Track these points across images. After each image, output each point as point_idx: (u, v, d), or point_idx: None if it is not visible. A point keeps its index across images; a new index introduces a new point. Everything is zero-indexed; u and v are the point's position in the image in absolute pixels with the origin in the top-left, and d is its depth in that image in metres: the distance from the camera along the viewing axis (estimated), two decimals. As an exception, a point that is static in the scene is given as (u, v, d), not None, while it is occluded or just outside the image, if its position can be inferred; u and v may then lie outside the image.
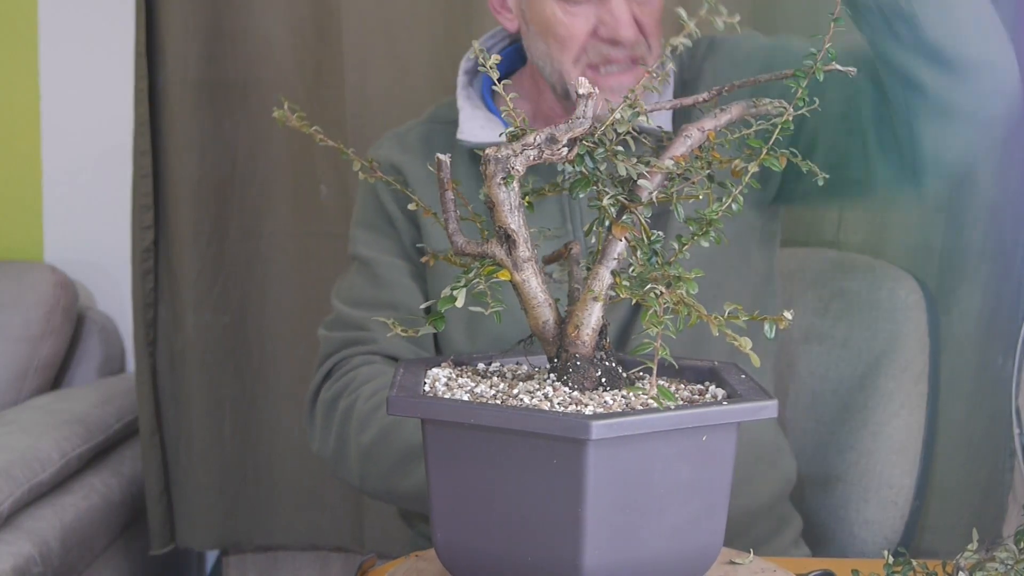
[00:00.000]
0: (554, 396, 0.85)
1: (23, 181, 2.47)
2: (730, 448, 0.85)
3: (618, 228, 0.85)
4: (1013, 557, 0.88)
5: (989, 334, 1.82)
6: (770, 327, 0.84)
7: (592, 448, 0.77)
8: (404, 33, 2.05)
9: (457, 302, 0.83)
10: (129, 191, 2.10)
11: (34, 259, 2.46)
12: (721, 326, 0.80)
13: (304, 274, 2.12)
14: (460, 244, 0.87)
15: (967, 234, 1.82)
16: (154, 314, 2.12)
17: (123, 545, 2.11)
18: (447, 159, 0.87)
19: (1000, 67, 1.25)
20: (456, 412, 0.82)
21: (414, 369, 0.93)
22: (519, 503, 0.81)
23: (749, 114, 0.92)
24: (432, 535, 0.86)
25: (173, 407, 2.13)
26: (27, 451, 1.88)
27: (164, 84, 2.06)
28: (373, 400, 1.34)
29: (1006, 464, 1.84)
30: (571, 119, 0.84)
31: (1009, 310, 1.82)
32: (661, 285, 0.80)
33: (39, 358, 2.23)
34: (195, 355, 2.12)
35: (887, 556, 0.95)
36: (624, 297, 0.83)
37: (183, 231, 2.10)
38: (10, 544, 1.75)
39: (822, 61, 0.87)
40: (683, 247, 0.87)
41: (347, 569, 2.19)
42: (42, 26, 2.43)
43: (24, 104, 2.45)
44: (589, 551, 0.79)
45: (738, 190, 0.88)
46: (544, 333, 0.89)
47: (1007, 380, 1.68)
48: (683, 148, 0.89)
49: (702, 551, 0.86)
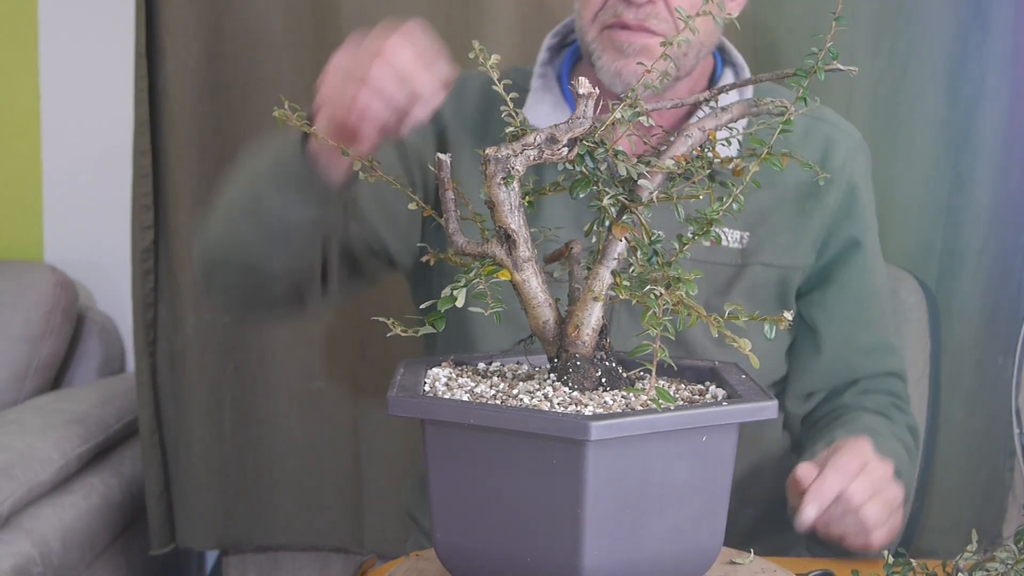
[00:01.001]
0: (554, 396, 0.85)
1: (23, 181, 2.47)
2: (730, 448, 0.85)
3: (618, 228, 0.85)
4: (1013, 557, 0.88)
5: (989, 334, 1.82)
6: (770, 327, 0.84)
7: (592, 449, 0.77)
8: (404, 33, 2.04)
9: (457, 302, 0.83)
10: (129, 191, 2.10)
11: (34, 259, 2.46)
12: (721, 327, 0.80)
13: (304, 274, 2.12)
14: (460, 244, 0.87)
15: (967, 234, 1.82)
16: (154, 314, 2.11)
17: (123, 545, 2.11)
18: (447, 159, 0.87)
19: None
20: (456, 412, 0.82)
21: (414, 369, 0.93)
22: (519, 503, 0.81)
23: (750, 113, 0.92)
24: (432, 535, 0.86)
25: (173, 407, 2.13)
26: (27, 451, 1.88)
27: (164, 84, 2.06)
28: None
29: (1006, 464, 1.84)
30: (571, 119, 0.84)
31: (1009, 310, 1.82)
32: (661, 286, 0.80)
33: (39, 358, 2.23)
34: (195, 355, 2.12)
35: (887, 556, 0.95)
36: (624, 298, 0.82)
37: (183, 231, 2.10)
38: (10, 544, 1.75)
39: (823, 61, 0.87)
40: (684, 247, 0.87)
41: (347, 569, 2.19)
42: (42, 26, 2.43)
43: (24, 104, 2.45)
44: (589, 551, 0.79)
45: (739, 190, 0.88)
46: (544, 333, 0.89)
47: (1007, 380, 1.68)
48: (684, 148, 0.89)
49: (702, 551, 0.86)
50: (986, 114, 1.80)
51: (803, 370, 1.42)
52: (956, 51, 1.80)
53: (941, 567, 0.92)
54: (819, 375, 1.41)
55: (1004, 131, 1.80)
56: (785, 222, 1.37)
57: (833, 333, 1.40)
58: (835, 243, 1.39)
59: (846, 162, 1.40)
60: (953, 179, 1.82)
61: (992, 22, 1.78)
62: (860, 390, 1.41)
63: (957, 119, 1.82)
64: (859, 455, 1.14)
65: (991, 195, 1.82)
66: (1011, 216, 1.82)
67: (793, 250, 1.37)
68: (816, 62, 0.87)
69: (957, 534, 1.80)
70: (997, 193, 1.82)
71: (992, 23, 1.78)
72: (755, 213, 1.35)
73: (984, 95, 1.80)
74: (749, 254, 1.36)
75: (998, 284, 1.83)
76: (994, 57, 1.79)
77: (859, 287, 1.41)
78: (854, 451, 1.14)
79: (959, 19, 1.80)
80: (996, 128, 1.80)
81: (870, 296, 1.42)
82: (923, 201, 1.81)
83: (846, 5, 0.89)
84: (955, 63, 1.80)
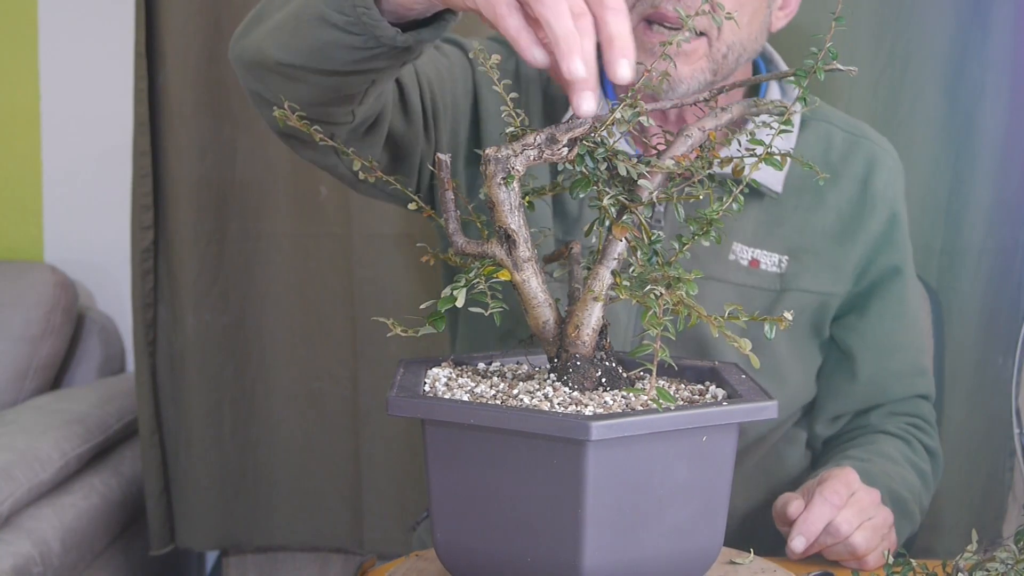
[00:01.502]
0: (554, 396, 0.85)
1: (23, 181, 2.47)
2: (730, 449, 0.85)
3: (618, 229, 0.85)
4: (1013, 557, 0.88)
5: (989, 334, 1.82)
6: (770, 327, 0.84)
7: (592, 449, 0.77)
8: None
9: (457, 302, 0.83)
10: (129, 191, 2.10)
11: (34, 259, 2.46)
12: (721, 327, 0.80)
13: (304, 274, 2.12)
14: (460, 244, 0.87)
15: (967, 234, 1.82)
16: (154, 314, 2.12)
17: (123, 545, 2.11)
18: (447, 159, 0.87)
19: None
20: (456, 412, 0.82)
21: (414, 369, 0.93)
22: (519, 503, 0.81)
23: (750, 114, 0.93)
24: (432, 535, 0.86)
25: (173, 407, 2.13)
26: (27, 451, 1.88)
27: (164, 84, 2.06)
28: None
29: (1006, 464, 1.84)
30: (570, 119, 0.84)
31: (1009, 310, 1.83)
32: (661, 286, 0.80)
33: (39, 358, 2.23)
34: (195, 355, 2.12)
35: (887, 556, 0.95)
36: (624, 298, 0.82)
37: (183, 231, 2.10)
38: (10, 544, 1.75)
39: (823, 61, 0.87)
40: (683, 247, 0.87)
41: (347, 569, 2.19)
42: (42, 26, 2.43)
43: (24, 104, 2.45)
44: (589, 551, 0.79)
45: (739, 189, 0.88)
46: (544, 333, 0.89)
47: (1007, 380, 1.68)
48: (684, 148, 0.88)
49: (702, 551, 0.86)
50: (986, 114, 1.80)
51: (836, 394, 1.40)
52: (956, 51, 1.80)
53: (941, 567, 0.92)
54: (851, 399, 1.39)
55: (1004, 131, 1.80)
56: (826, 247, 1.34)
57: (869, 360, 1.37)
58: (875, 270, 1.36)
59: (887, 186, 1.36)
60: (953, 179, 1.82)
61: (992, 22, 1.78)
62: (887, 412, 1.39)
63: (957, 119, 1.82)
64: (845, 485, 1.14)
65: (991, 195, 1.82)
66: (1011, 216, 1.82)
67: (833, 277, 1.34)
68: (816, 62, 0.87)
69: (957, 534, 1.80)
70: (997, 193, 1.82)
71: (992, 23, 1.78)
72: (795, 237, 1.32)
73: (984, 95, 1.80)
74: (788, 279, 1.32)
75: (998, 284, 1.83)
76: (994, 57, 1.79)
77: (897, 314, 1.38)
78: (840, 481, 1.14)
79: (959, 19, 1.80)
80: (996, 128, 1.80)
81: (909, 322, 1.40)
82: (923, 201, 1.81)
83: (846, 5, 0.89)
84: (955, 63, 1.80)
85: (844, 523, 1.11)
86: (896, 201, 1.38)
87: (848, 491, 1.13)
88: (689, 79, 1.22)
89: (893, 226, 1.37)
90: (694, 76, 1.22)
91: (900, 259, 1.38)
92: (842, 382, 1.39)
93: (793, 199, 1.32)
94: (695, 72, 1.22)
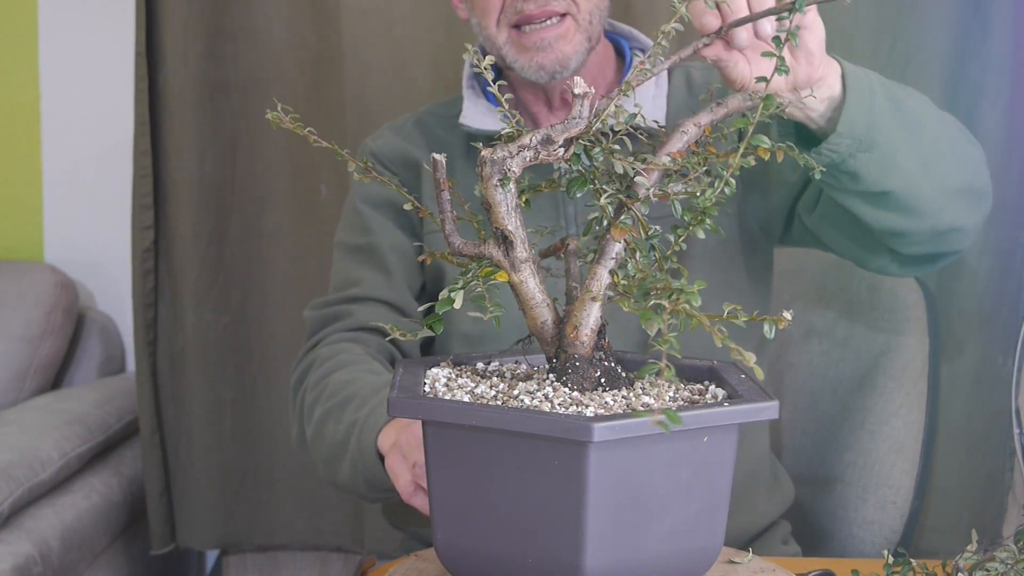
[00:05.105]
0: (554, 397, 0.85)
1: (23, 181, 2.47)
2: (731, 449, 0.85)
3: (617, 230, 0.84)
4: (1013, 557, 0.88)
5: (989, 334, 1.82)
6: (770, 327, 0.84)
7: (593, 450, 0.77)
8: (404, 33, 2.05)
9: (455, 304, 0.83)
10: (129, 191, 2.10)
11: (34, 259, 2.46)
12: (725, 339, 0.78)
13: (304, 274, 2.12)
14: (457, 245, 0.87)
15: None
16: (154, 314, 2.12)
17: (123, 545, 2.11)
18: (443, 159, 0.87)
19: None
20: (456, 413, 0.82)
21: (414, 369, 0.93)
22: (520, 504, 0.81)
23: (746, 107, 0.92)
24: (432, 535, 0.86)
25: (173, 407, 2.13)
26: (27, 451, 1.88)
27: (164, 84, 2.06)
28: (316, 390, 1.34)
29: (1006, 464, 1.84)
30: (567, 119, 0.84)
31: (1009, 310, 1.82)
32: (663, 298, 0.78)
33: (39, 358, 2.23)
34: (195, 355, 2.12)
35: (887, 556, 0.95)
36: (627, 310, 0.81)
37: (183, 231, 2.10)
38: (10, 544, 1.75)
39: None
40: (679, 238, 0.87)
41: (347, 569, 2.19)
42: (42, 25, 2.43)
43: (24, 104, 2.45)
44: (590, 552, 0.79)
45: (729, 173, 0.87)
46: (543, 333, 0.89)
47: (1007, 380, 1.68)
48: (680, 144, 0.88)
49: (702, 551, 0.86)
50: (986, 115, 1.80)
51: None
52: (956, 51, 1.80)
53: (941, 567, 0.92)
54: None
55: (1004, 131, 1.80)
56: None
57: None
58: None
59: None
60: (953, 179, 1.82)
61: (992, 22, 1.78)
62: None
63: (957, 119, 1.81)
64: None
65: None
66: (1010, 216, 1.82)
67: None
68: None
69: (957, 534, 1.80)
70: (997, 193, 1.82)
71: (992, 23, 1.78)
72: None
73: (984, 95, 1.80)
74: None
75: (998, 284, 1.83)
76: (994, 57, 1.79)
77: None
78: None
79: (959, 19, 1.79)
80: (995, 129, 1.80)
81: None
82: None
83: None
84: (955, 63, 1.80)
85: (769, 22, 0.98)
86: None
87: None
88: (573, 55, 1.35)
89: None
90: (576, 52, 1.35)
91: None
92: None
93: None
94: (576, 47, 1.35)
